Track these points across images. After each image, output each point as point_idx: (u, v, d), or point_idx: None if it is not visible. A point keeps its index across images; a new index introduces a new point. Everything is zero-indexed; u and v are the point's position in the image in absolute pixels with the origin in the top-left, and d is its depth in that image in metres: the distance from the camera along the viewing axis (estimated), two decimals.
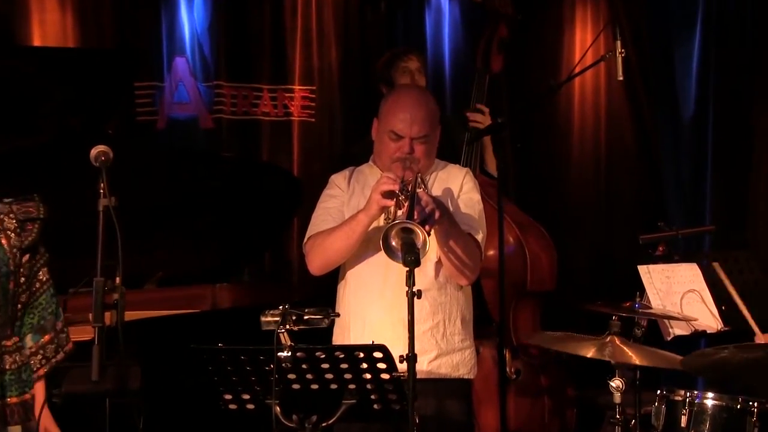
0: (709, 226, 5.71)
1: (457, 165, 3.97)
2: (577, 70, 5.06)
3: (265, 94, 6.18)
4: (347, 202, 3.78)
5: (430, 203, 3.42)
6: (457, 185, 3.79)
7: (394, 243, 3.28)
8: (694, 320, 4.33)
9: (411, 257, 3.20)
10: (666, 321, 4.37)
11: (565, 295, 5.27)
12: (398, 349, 3.21)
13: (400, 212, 3.41)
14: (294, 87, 6.20)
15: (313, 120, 6.21)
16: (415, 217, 3.29)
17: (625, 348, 4.00)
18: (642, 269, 4.46)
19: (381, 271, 3.62)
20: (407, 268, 3.21)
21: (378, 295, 3.63)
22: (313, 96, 6.21)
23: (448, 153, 4.11)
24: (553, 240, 5.23)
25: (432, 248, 3.60)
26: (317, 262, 3.69)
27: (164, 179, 4.95)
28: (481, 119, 5.18)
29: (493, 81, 5.36)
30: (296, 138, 6.17)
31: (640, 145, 6.39)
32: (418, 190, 3.45)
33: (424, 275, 3.62)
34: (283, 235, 5.82)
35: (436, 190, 3.73)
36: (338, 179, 3.87)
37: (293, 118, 6.19)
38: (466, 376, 3.76)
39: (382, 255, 3.35)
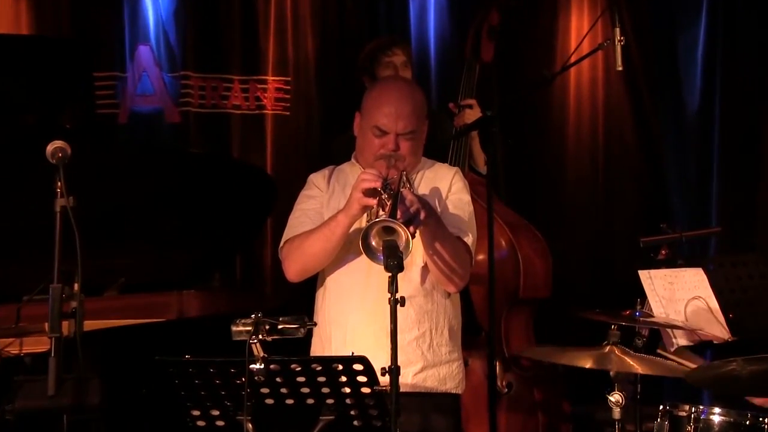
0: (716, 227, 5.72)
1: (446, 164, 3.99)
2: (572, 59, 5.06)
3: (236, 85, 6.17)
4: (327, 203, 3.78)
5: (415, 202, 3.42)
6: (445, 185, 3.80)
7: (374, 243, 3.29)
8: (700, 329, 4.35)
9: (393, 261, 3.21)
10: (669, 330, 4.38)
11: (559, 302, 5.28)
12: (381, 360, 3.22)
13: (382, 212, 3.41)
14: (267, 78, 6.20)
15: (288, 113, 6.21)
16: (399, 216, 3.30)
17: (626, 357, 4.01)
18: (643, 274, 4.47)
19: (362, 276, 3.63)
20: (388, 274, 3.21)
21: (359, 301, 3.64)
22: (288, 88, 6.21)
23: (434, 149, 4.12)
24: (547, 243, 5.24)
25: (418, 252, 3.61)
26: (294, 267, 3.70)
27: (126, 177, 4.93)
28: (468, 116, 5.19)
29: (484, 72, 5.37)
30: (270, 133, 6.17)
31: (640, 141, 6.41)
32: (402, 189, 3.46)
33: (409, 281, 3.63)
34: (255, 238, 5.82)
35: (423, 190, 3.74)
36: (317, 179, 3.88)
37: (266, 111, 6.19)
38: (453, 391, 3.77)
39: (363, 259, 3.35)
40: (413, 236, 3.31)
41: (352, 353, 3.21)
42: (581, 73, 6.36)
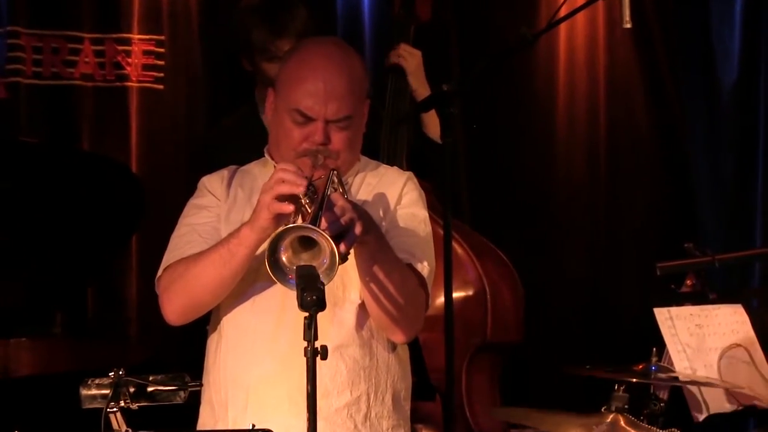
0: (761, 248, 5.80)
1: (395, 167, 3.98)
2: (562, 13, 5.11)
3: (87, 46, 6.15)
4: (225, 216, 3.76)
5: (349, 210, 3.39)
6: (393, 194, 3.80)
7: (284, 258, 3.27)
8: (739, 389, 4.40)
9: (312, 296, 3.19)
10: (697, 392, 4.43)
11: (545, 354, 5.33)
12: None
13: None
14: (131, 36, 6.18)
15: (162, 87, 6.19)
16: (324, 226, 3.28)
17: None
18: (660, 314, 4.52)
19: (273, 315, 3.61)
20: (304, 313, 3.20)
21: (267, 351, 3.62)
22: (162, 50, 6.20)
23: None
24: (530, 271, 5.28)
25: (353, 284, 3.61)
26: (177, 303, 3.66)
27: None
28: (402, 54, 5.24)
29: (421, 35, 5.41)
30: (135, 113, 6.15)
31: (657, 127, 6.47)
32: (330, 193, 3.44)
33: (340, 324, 3.63)
34: (114, 263, 5.79)
35: (363, 199, 3.75)
36: (212, 182, 3.86)
37: (130, 83, 6.17)
38: None
39: (276, 291, 3.34)
40: (344, 258, 3.29)
41: (253, 426, 3.21)
42: (575, 33, 6.42)
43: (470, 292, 5.09)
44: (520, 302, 5.24)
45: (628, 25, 4.71)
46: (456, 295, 4.80)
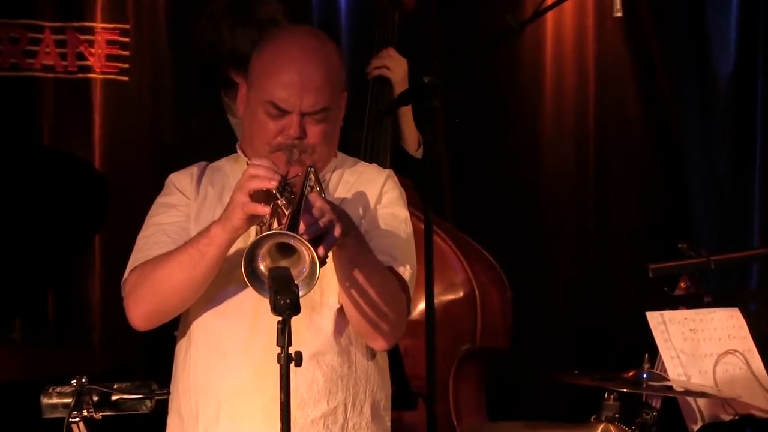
0: (759, 248, 5.80)
1: (375, 164, 3.97)
2: (549, 1, 5.13)
3: (48, 36, 6.13)
4: (195, 215, 3.75)
5: (328, 212, 3.39)
6: (373, 193, 3.79)
7: (263, 268, 3.26)
8: (736, 398, 4.40)
9: (285, 299, 3.18)
10: (692, 401, 4.43)
11: (535, 360, 5.32)
12: None
13: (278, 225, 3.38)
14: (94, 25, 6.16)
15: (127, 79, 6.18)
16: (302, 230, 3.28)
17: None
18: (653, 318, 4.52)
19: (246, 320, 3.60)
20: (279, 318, 3.19)
21: (240, 358, 3.60)
22: (127, 40, 6.18)
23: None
24: (517, 272, 5.28)
25: (331, 288, 3.60)
26: (143, 308, 3.64)
27: None
28: (389, 64, 5.23)
29: (406, 23, 5.40)
30: (99, 107, 6.13)
31: (649, 120, 6.47)
32: (308, 193, 3.43)
33: (318, 330, 3.62)
34: (77, 264, 5.78)
35: (341, 198, 3.74)
36: (180, 180, 3.84)
37: (94, 75, 6.15)
38: None
39: (249, 295, 3.32)
40: (323, 261, 3.27)
41: None
42: (562, 22, 6.42)
43: (459, 295, 5.09)
44: (509, 306, 5.24)
45: (619, 14, 4.71)
46: (444, 298, 4.81)
